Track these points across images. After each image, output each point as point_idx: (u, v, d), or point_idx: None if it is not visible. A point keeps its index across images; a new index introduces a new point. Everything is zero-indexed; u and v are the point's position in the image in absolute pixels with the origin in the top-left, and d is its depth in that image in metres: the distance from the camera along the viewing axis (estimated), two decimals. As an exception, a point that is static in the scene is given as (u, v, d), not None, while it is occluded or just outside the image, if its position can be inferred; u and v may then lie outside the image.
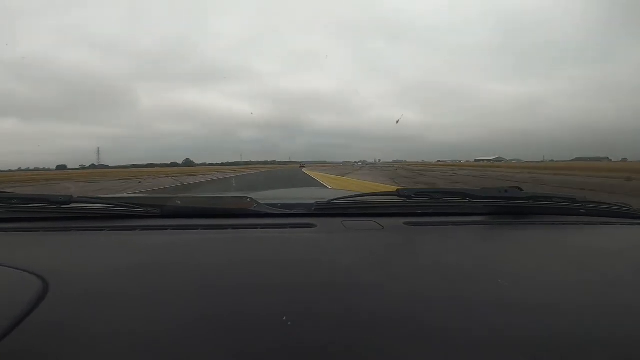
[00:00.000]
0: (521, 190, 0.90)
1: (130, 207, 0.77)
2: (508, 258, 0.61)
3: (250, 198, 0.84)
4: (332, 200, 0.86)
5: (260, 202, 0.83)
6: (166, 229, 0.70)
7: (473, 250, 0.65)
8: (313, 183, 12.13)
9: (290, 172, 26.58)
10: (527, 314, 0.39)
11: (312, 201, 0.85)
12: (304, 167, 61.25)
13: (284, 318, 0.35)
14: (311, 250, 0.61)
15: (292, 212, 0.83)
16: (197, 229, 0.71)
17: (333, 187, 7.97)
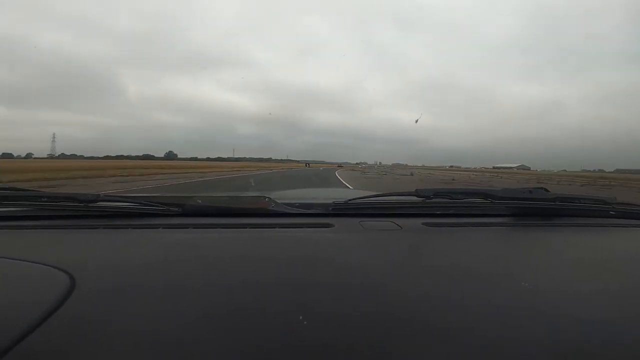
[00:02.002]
0: (547, 191, 0.87)
1: (154, 206, 0.80)
2: (532, 261, 0.59)
3: (269, 197, 0.86)
4: (350, 200, 0.86)
5: (278, 201, 0.84)
6: (187, 227, 0.72)
7: (495, 252, 0.64)
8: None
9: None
10: (551, 320, 0.37)
11: (330, 201, 0.85)
12: (340, 167, 45.99)
13: (300, 317, 0.36)
14: (328, 249, 0.61)
15: (309, 211, 0.84)
16: (217, 227, 0.73)
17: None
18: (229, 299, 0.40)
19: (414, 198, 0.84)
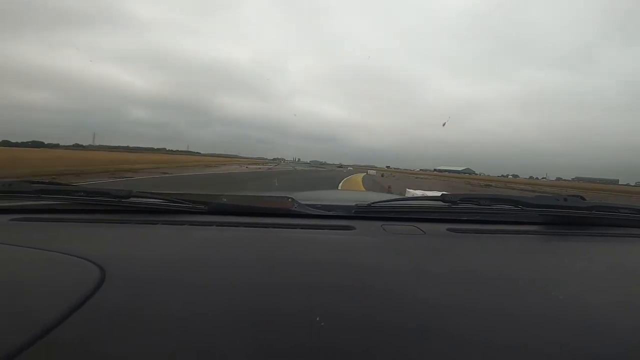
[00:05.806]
0: (583, 199, 0.86)
1: (181, 203, 0.82)
2: (565, 271, 0.58)
3: (292, 198, 0.86)
4: (373, 203, 0.86)
5: (301, 202, 0.85)
6: (212, 225, 0.73)
7: (524, 261, 0.63)
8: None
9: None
10: (583, 333, 0.36)
11: (353, 203, 0.86)
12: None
13: (318, 318, 0.36)
14: (349, 252, 0.61)
15: (331, 213, 0.84)
16: (240, 226, 0.73)
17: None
18: (249, 296, 0.42)
19: (439, 203, 0.84)
